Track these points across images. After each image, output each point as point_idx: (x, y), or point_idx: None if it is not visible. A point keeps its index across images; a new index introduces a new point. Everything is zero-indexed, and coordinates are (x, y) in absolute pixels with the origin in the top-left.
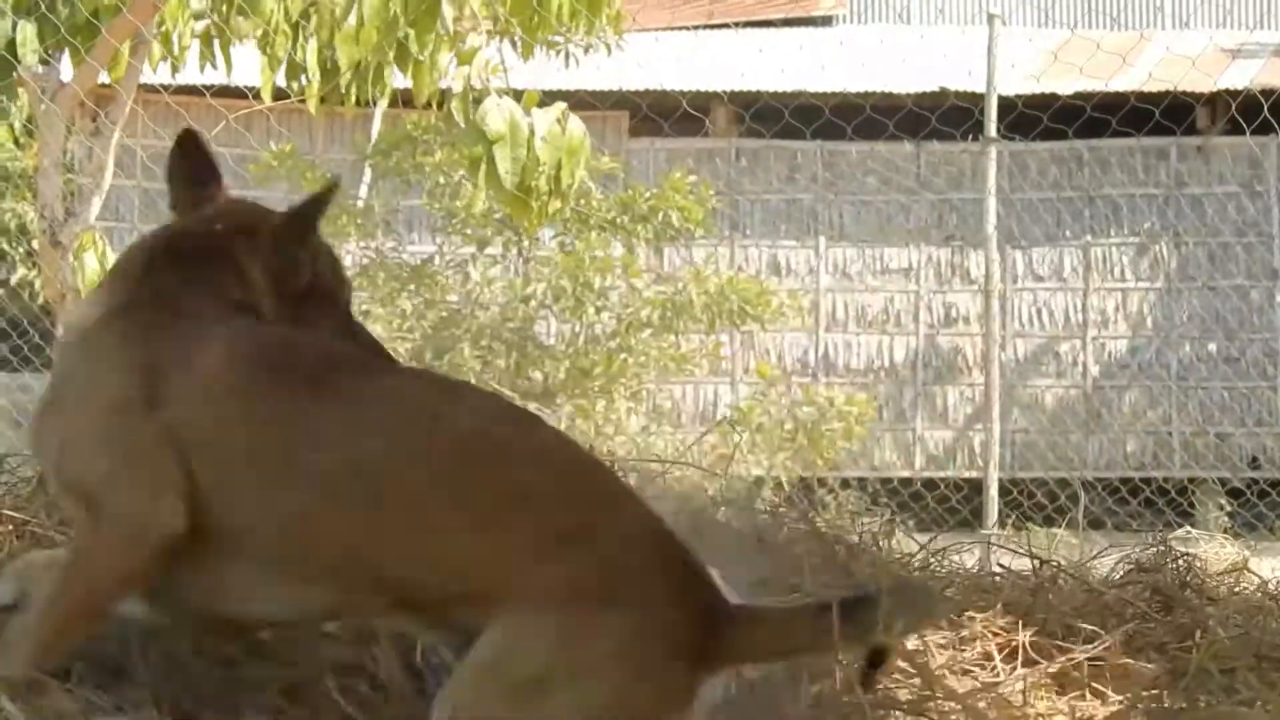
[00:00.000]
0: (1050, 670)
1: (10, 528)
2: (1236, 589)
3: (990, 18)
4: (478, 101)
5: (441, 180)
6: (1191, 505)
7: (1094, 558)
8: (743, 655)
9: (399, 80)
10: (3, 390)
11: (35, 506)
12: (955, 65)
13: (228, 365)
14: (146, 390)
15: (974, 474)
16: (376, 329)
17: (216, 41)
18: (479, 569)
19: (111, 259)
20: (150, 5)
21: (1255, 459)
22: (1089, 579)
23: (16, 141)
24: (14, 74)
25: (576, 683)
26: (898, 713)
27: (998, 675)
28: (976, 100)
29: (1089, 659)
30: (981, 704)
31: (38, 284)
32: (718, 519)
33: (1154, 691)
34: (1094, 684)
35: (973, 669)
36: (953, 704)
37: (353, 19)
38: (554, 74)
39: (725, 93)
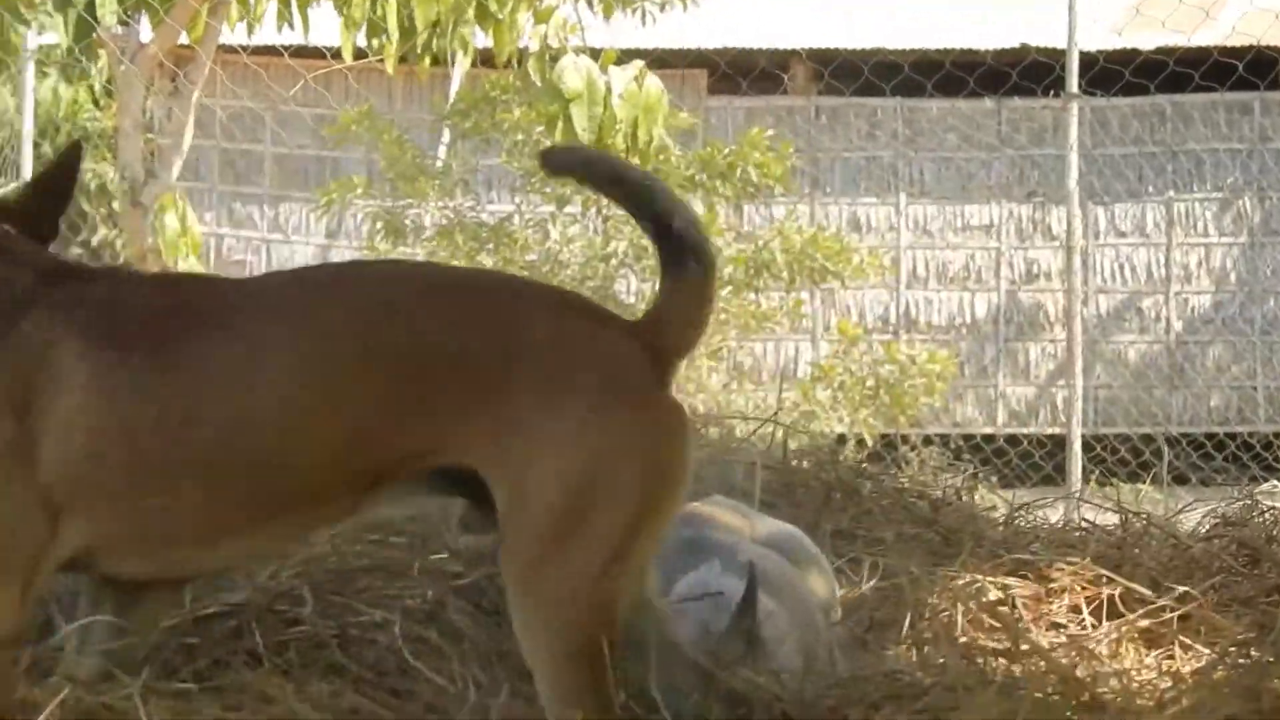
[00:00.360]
0: (1138, 625)
1: None
2: None
3: None
4: (555, 60)
5: (520, 139)
6: (1276, 460)
7: (1179, 512)
8: (680, 345)
9: (478, 39)
10: None
11: None
12: (1036, 21)
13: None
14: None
15: (1057, 430)
16: None
17: (294, 1)
18: (430, 414)
19: (192, 219)
20: None
21: None
22: (1175, 533)
23: (96, 102)
24: (93, 35)
25: (607, 477)
26: (986, 665)
27: (1085, 630)
28: (1057, 56)
29: (1176, 614)
30: (1068, 658)
31: (119, 245)
32: (800, 475)
33: (1241, 646)
34: (1181, 638)
35: (1060, 623)
36: (1039, 658)
37: None
38: (632, 32)
39: (804, 50)
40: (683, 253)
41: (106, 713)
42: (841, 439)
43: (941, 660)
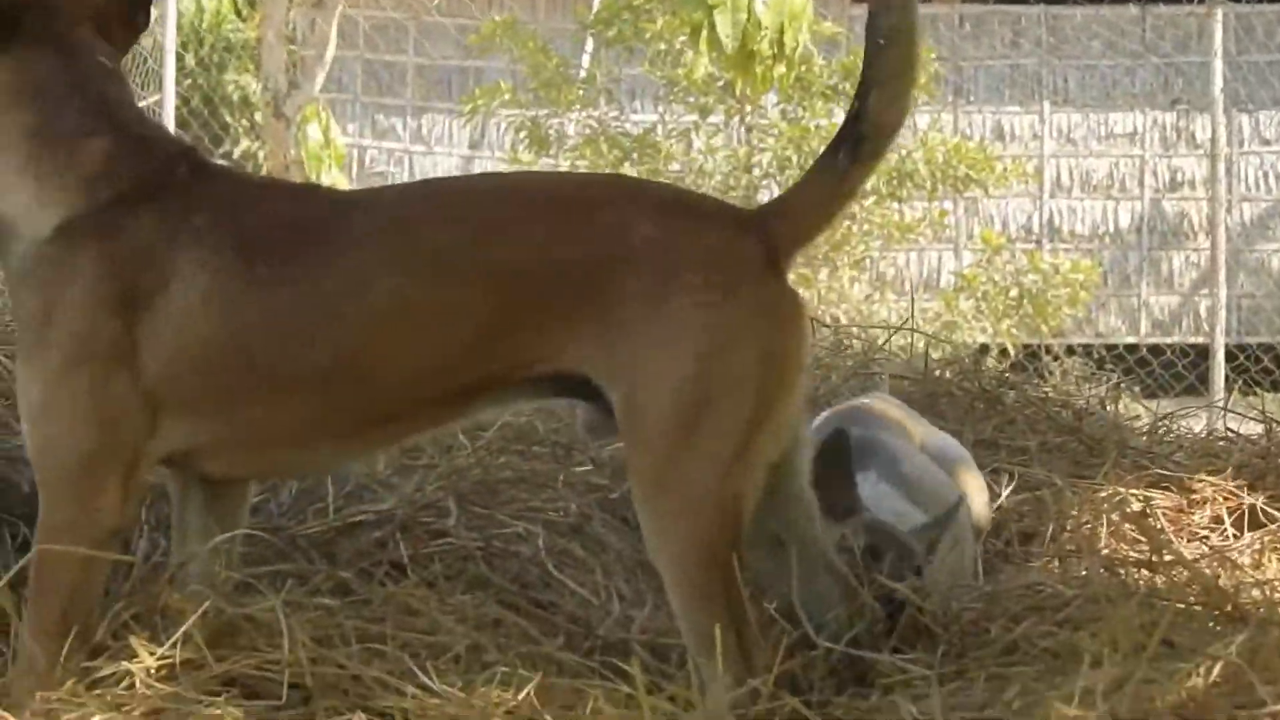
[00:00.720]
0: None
1: None
2: None
3: None
4: None
5: (663, 48)
6: None
7: None
8: (799, 235)
9: None
10: None
11: None
12: None
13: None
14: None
15: (1200, 340)
16: None
17: None
18: (538, 324)
19: (335, 131)
20: None
21: None
22: None
23: (239, 13)
24: None
25: (720, 373)
26: (1128, 576)
27: (1227, 540)
28: None
29: None
30: (1210, 569)
31: (261, 156)
32: (943, 384)
33: None
34: None
35: (1202, 534)
36: (1182, 569)
37: None
38: None
39: None
40: (843, 140)
41: (248, 624)
42: (984, 349)
43: (1084, 572)
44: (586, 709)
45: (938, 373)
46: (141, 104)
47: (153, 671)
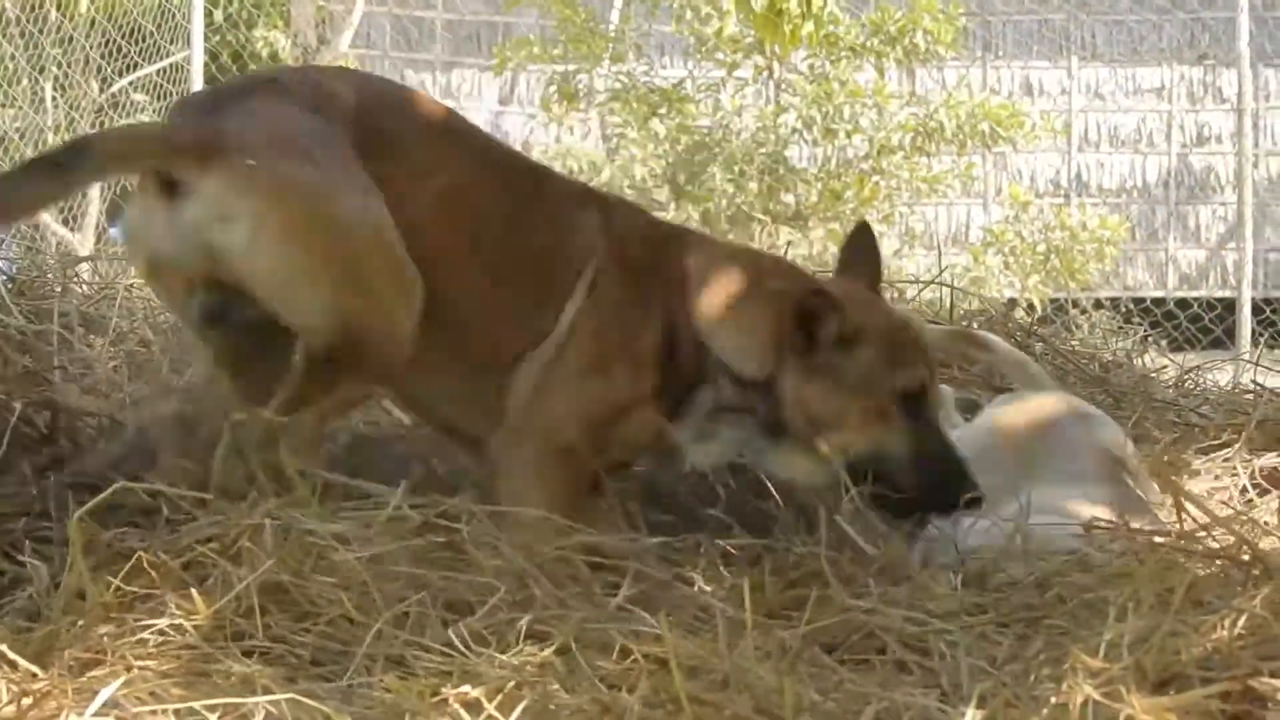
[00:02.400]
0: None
1: None
2: None
3: None
4: None
5: (692, 3)
6: None
7: None
8: None
9: None
10: None
11: None
12: None
13: None
14: None
15: (1227, 293)
16: (631, 151)
17: None
18: None
19: None
20: None
21: None
22: None
23: None
24: None
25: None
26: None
27: (1250, 498)
28: None
29: None
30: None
31: None
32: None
33: None
34: None
35: (1227, 487)
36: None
37: None
38: None
39: None
40: None
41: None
42: (1012, 303)
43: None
44: (614, 654)
45: (965, 324)
46: (169, 60)
47: (191, 629)
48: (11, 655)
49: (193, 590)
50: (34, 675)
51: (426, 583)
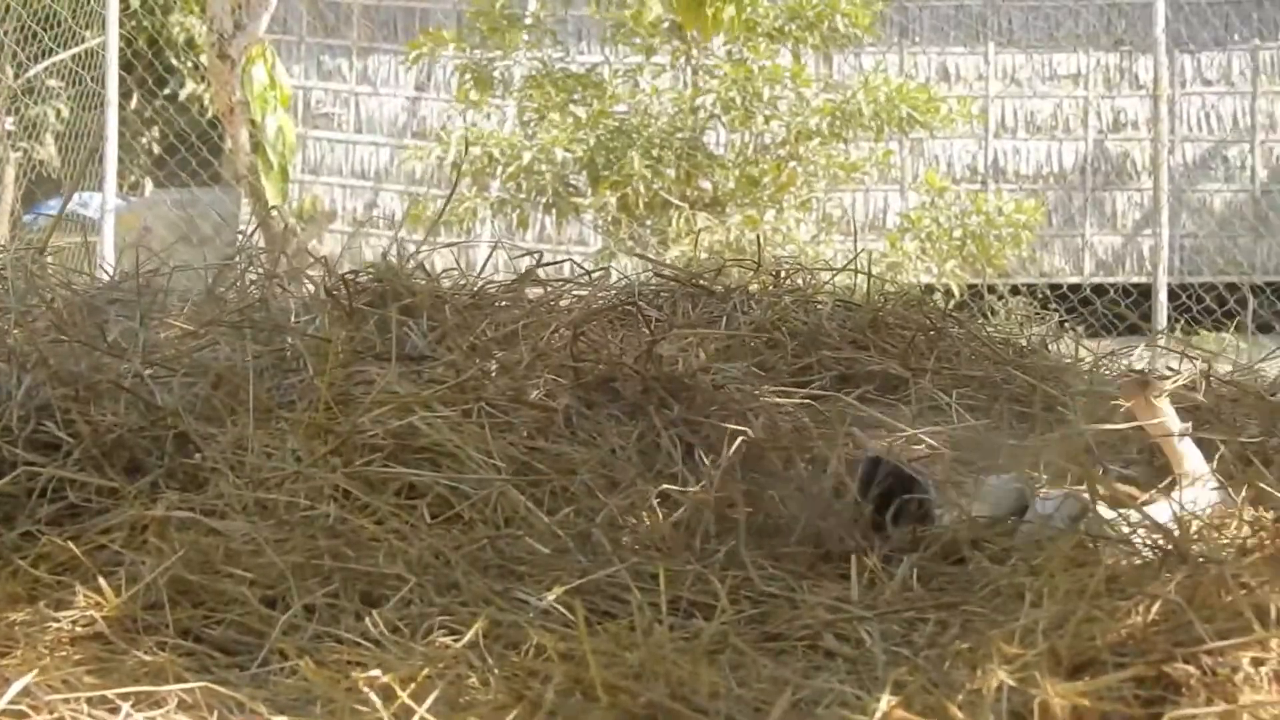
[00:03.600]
0: (1220, 471)
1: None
2: None
3: None
4: None
5: None
6: None
7: (1263, 360)
8: None
9: None
10: (171, 205)
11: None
12: None
13: None
14: None
15: (1143, 279)
16: (552, 132)
17: None
18: None
19: (280, 72)
20: None
21: None
22: (1258, 382)
23: None
24: None
25: None
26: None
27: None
28: None
29: (1261, 459)
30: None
31: (206, 98)
32: (887, 313)
33: None
34: (1263, 485)
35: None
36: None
37: None
38: None
39: None
40: None
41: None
42: (929, 289)
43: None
44: (529, 650)
45: (881, 301)
46: (84, 46)
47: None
48: None
49: (101, 581)
50: None
51: (339, 574)
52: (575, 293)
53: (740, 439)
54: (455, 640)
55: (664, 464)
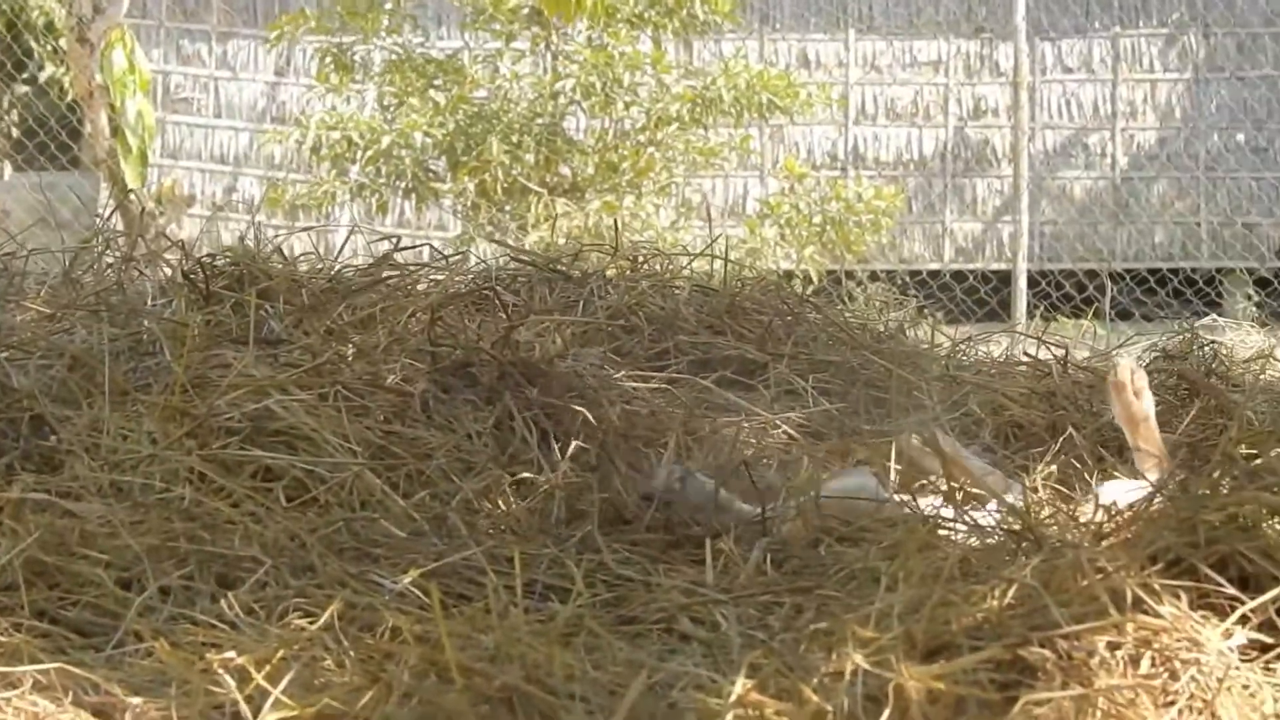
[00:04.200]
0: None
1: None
2: (1262, 376)
3: None
4: None
5: None
6: (1219, 295)
7: (1120, 346)
8: None
9: None
10: (30, 189)
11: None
12: None
13: None
14: None
15: (1002, 266)
16: (412, 116)
17: None
18: None
19: (139, 56)
20: None
21: None
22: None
23: None
24: None
25: None
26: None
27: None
28: None
29: (1117, 447)
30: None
31: (65, 82)
32: (745, 298)
33: (1177, 479)
34: (1116, 473)
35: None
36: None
37: None
38: None
39: None
40: None
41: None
42: (789, 276)
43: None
44: (384, 632)
45: (739, 286)
46: None
47: None
48: None
49: None
50: None
51: (195, 557)
52: (433, 277)
53: (588, 422)
54: (310, 622)
55: (519, 449)
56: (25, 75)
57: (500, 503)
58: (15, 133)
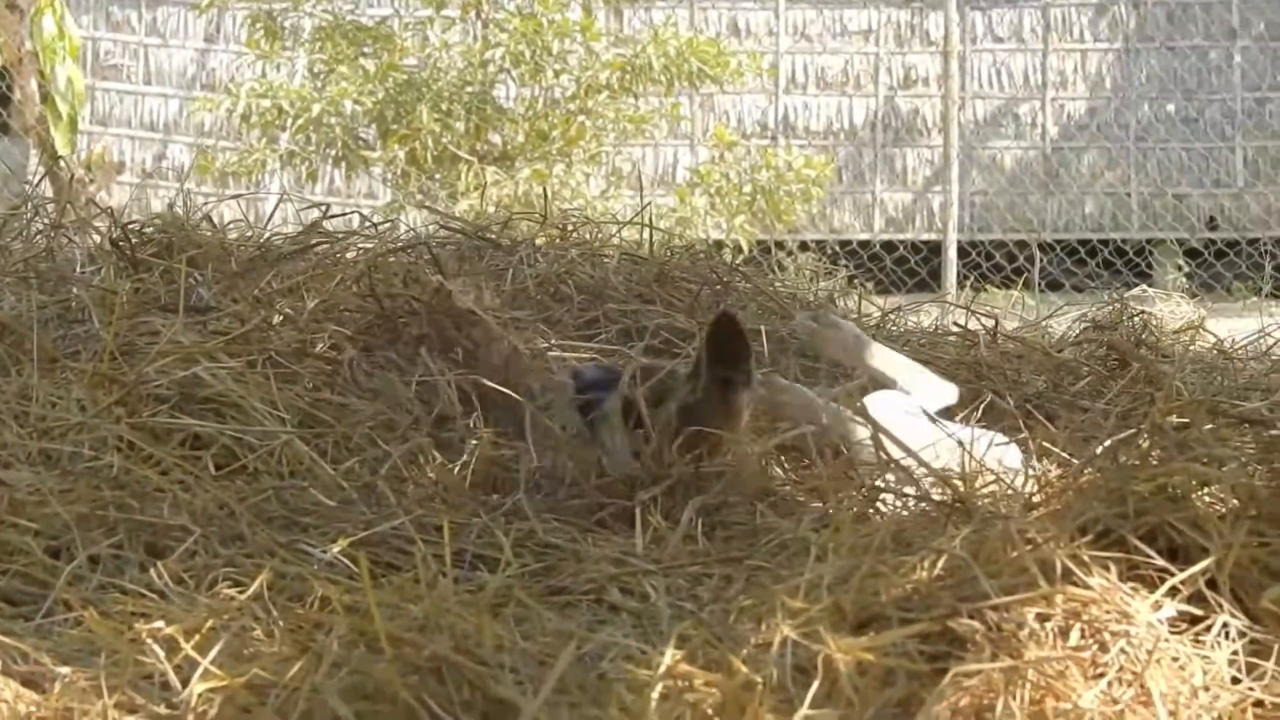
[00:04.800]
0: (1006, 428)
1: None
2: (1192, 347)
3: None
4: None
5: None
6: (1149, 266)
7: (1050, 317)
8: None
9: None
10: None
11: None
12: None
13: None
14: None
15: (933, 236)
16: (342, 84)
17: None
18: None
19: (69, 23)
20: None
21: (1213, 219)
22: (1045, 338)
23: None
24: None
25: None
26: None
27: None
28: None
29: (1045, 416)
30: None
31: None
32: (674, 267)
33: (1109, 447)
34: (1046, 443)
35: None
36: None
37: None
38: None
39: None
40: None
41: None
42: (719, 245)
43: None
44: (313, 602)
45: (668, 255)
46: None
47: None
48: None
49: None
50: None
51: (124, 525)
52: (362, 245)
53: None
54: (240, 592)
55: (445, 409)
56: None
57: (428, 470)
58: None
